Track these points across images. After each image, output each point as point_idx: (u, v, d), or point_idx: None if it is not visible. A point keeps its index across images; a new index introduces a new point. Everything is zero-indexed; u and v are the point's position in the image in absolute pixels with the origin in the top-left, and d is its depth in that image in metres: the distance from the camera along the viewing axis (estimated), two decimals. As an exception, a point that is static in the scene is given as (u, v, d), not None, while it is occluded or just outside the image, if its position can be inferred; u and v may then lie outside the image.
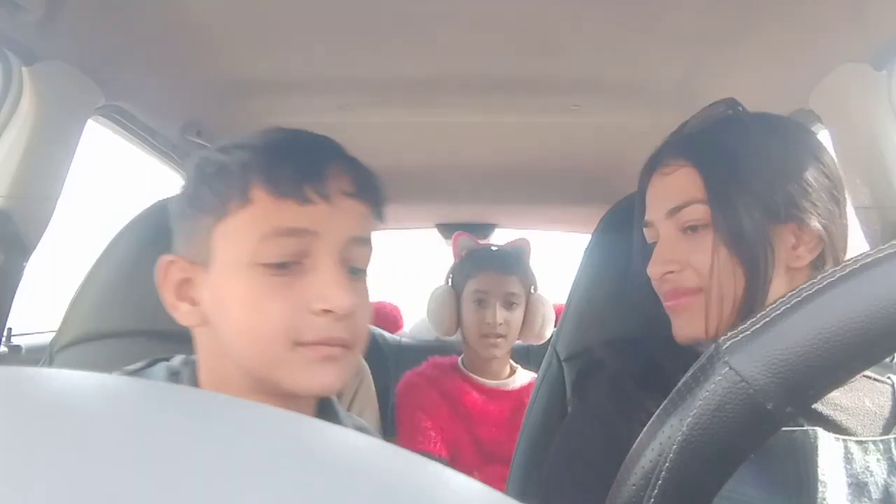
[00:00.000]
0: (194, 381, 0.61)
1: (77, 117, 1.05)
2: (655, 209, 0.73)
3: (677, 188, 0.71)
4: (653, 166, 0.75)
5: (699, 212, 0.69)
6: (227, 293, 0.56)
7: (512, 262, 1.61)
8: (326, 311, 0.55)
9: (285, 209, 0.55)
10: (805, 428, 0.66)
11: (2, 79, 0.97)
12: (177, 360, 0.64)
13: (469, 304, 1.57)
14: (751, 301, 0.67)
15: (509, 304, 1.55)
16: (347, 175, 0.59)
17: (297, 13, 1.03)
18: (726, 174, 0.69)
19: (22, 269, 1.02)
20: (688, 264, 0.69)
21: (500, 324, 1.51)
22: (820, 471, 0.63)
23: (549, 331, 1.62)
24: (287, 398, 0.57)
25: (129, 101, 1.19)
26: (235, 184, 0.55)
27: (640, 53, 1.16)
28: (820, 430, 0.65)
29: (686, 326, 0.71)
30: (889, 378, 0.74)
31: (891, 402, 0.72)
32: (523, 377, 1.58)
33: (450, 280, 1.70)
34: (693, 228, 0.70)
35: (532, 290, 1.63)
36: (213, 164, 0.58)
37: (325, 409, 0.65)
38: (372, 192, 0.61)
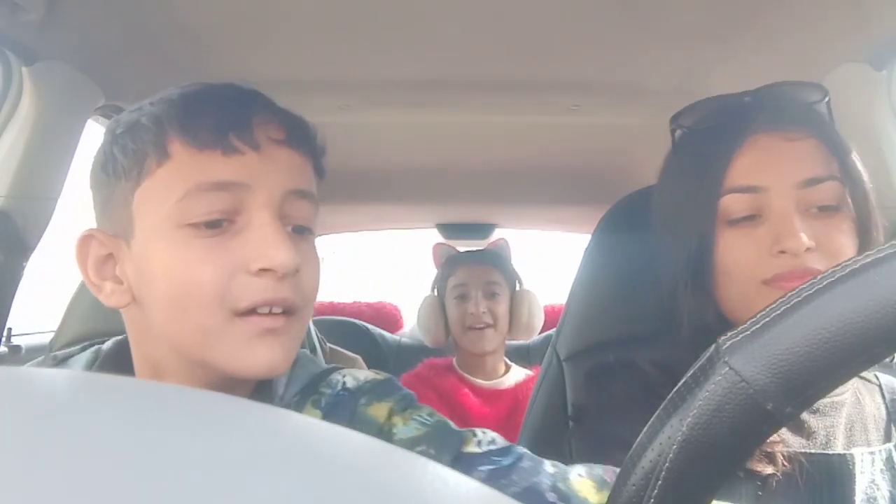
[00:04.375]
0: (118, 365, 0.56)
1: (77, 117, 1.05)
2: (777, 175, 0.64)
3: (809, 159, 0.64)
4: (763, 123, 0.66)
5: (836, 190, 0.64)
6: (151, 263, 0.50)
7: (490, 256, 1.64)
8: (265, 270, 0.49)
9: (209, 161, 0.49)
10: (843, 452, 0.64)
11: (2, 79, 0.97)
12: (110, 342, 0.60)
13: (451, 301, 1.58)
14: None
15: (491, 294, 1.55)
16: (276, 122, 0.53)
17: (297, 13, 1.03)
18: (851, 156, 0.65)
19: (22, 269, 1.02)
20: (821, 246, 0.62)
21: (484, 312, 1.51)
22: (857, 498, 0.61)
23: (538, 322, 1.63)
24: (224, 383, 0.52)
25: (129, 101, 1.18)
26: (150, 139, 0.50)
27: (640, 53, 1.16)
28: (856, 453, 0.63)
29: None
30: (876, 376, 0.74)
31: (883, 402, 0.71)
32: (518, 374, 1.59)
33: (435, 290, 1.72)
34: (825, 209, 0.64)
35: (517, 286, 1.64)
36: (125, 123, 0.52)
37: (262, 395, 0.57)
38: (306, 140, 0.55)
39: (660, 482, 0.27)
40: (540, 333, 1.76)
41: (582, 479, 0.51)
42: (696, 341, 0.67)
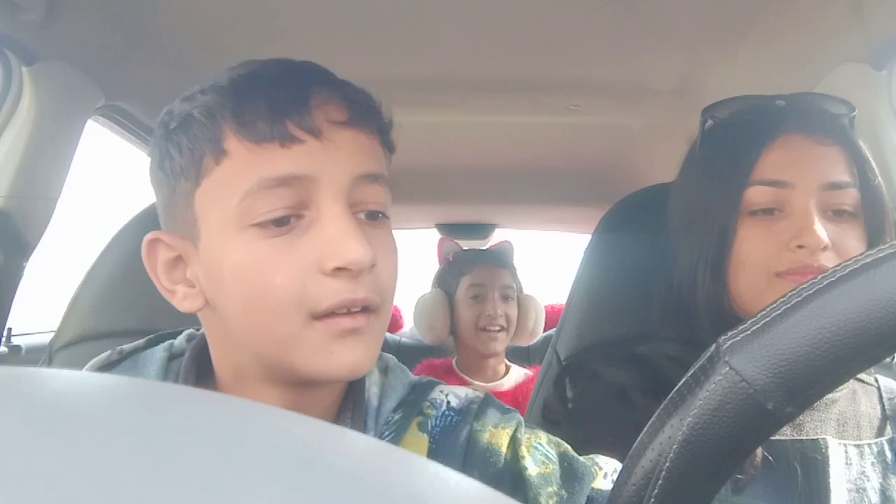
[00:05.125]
0: (196, 368, 0.53)
1: (77, 117, 1.06)
2: (804, 174, 0.67)
3: (835, 164, 0.67)
4: (794, 126, 0.68)
5: (854, 197, 0.67)
6: (221, 267, 0.47)
7: (504, 257, 1.63)
8: (340, 270, 0.45)
9: (268, 155, 0.45)
10: (815, 438, 0.66)
11: (2, 79, 0.97)
12: (181, 338, 0.56)
13: (465, 301, 1.57)
14: None
15: (505, 298, 1.56)
16: (336, 101, 0.48)
17: (296, 13, 1.03)
18: (871, 167, 0.69)
19: (22, 269, 1.02)
20: (835, 247, 0.65)
21: (500, 315, 1.52)
22: (831, 481, 0.63)
23: (541, 329, 1.63)
24: (307, 386, 0.50)
25: (129, 101, 1.19)
26: (205, 135, 0.46)
27: (640, 53, 1.16)
28: (829, 439, 0.65)
29: None
30: (876, 379, 0.74)
31: (879, 404, 0.72)
32: (518, 375, 1.59)
33: (436, 285, 1.71)
34: (840, 213, 0.67)
35: (521, 291, 1.65)
36: (177, 116, 0.48)
37: (354, 396, 0.53)
38: (372, 117, 0.50)
39: (660, 482, 0.27)
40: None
41: None
42: (712, 328, 0.68)
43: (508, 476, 0.51)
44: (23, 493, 0.13)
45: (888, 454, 0.67)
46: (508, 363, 1.62)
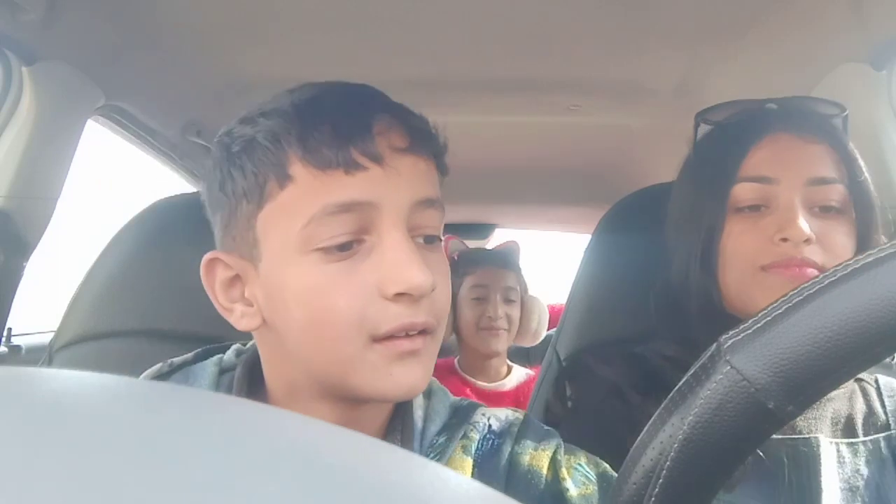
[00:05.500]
0: (251, 384, 0.54)
1: (77, 117, 1.06)
2: (789, 170, 0.68)
3: (820, 160, 0.68)
4: (782, 125, 0.70)
5: (841, 193, 0.67)
6: (283, 289, 0.48)
7: (509, 258, 1.63)
8: (401, 295, 0.46)
9: (332, 182, 0.46)
10: (807, 436, 0.66)
11: (2, 79, 0.97)
12: (230, 353, 0.57)
13: (467, 301, 1.57)
14: None
15: (508, 300, 1.56)
16: (398, 127, 0.49)
17: (297, 13, 1.03)
18: (859, 165, 0.69)
19: (22, 269, 1.02)
20: (820, 242, 0.66)
21: (501, 317, 1.51)
22: (822, 479, 0.63)
23: (544, 330, 1.63)
24: (360, 405, 0.51)
25: (129, 101, 1.19)
26: (269, 160, 0.47)
27: (640, 53, 1.16)
28: (821, 438, 0.66)
29: None
30: (875, 380, 0.74)
31: (878, 401, 0.72)
32: (519, 375, 1.59)
33: None
34: (827, 209, 0.67)
35: (526, 292, 1.64)
36: (240, 139, 0.49)
37: (402, 417, 0.55)
38: (430, 142, 0.52)
39: (661, 481, 0.27)
40: (539, 333, 1.77)
41: None
42: (704, 328, 0.68)
43: (549, 498, 0.51)
44: (23, 492, 0.13)
45: (884, 452, 0.67)
46: (510, 363, 1.62)
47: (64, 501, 0.13)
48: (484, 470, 0.53)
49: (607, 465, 0.54)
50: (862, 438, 0.68)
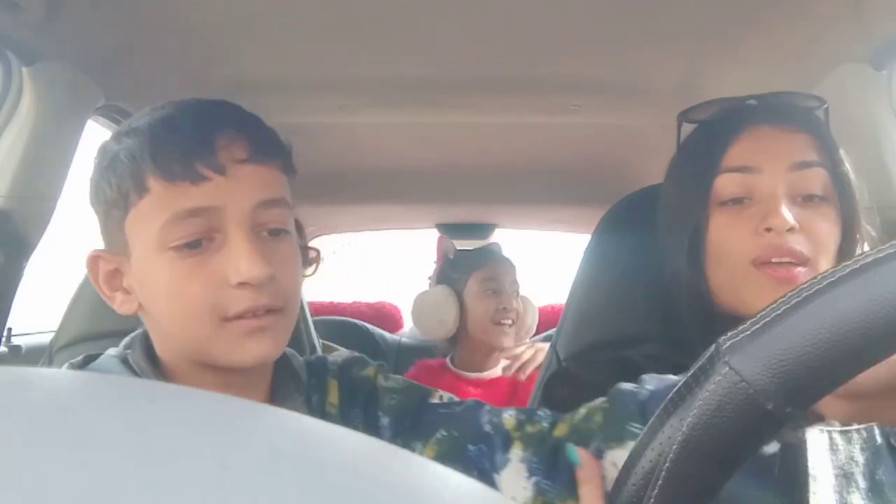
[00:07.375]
0: (147, 356, 0.62)
1: (77, 117, 1.05)
2: (770, 158, 0.68)
3: (802, 146, 0.69)
4: (762, 118, 0.71)
5: (823, 178, 0.68)
6: (148, 280, 0.57)
7: (505, 256, 1.68)
8: (243, 284, 0.55)
9: (181, 192, 0.54)
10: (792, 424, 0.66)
11: (2, 79, 0.97)
12: (118, 349, 0.64)
13: (479, 295, 1.59)
14: None
15: (516, 294, 1.61)
16: (241, 140, 0.57)
17: (297, 13, 1.03)
18: (839, 153, 0.70)
19: (22, 269, 1.02)
20: (804, 230, 0.66)
21: (514, 309, 1.57)
22: (810, 466, 0.64)
23: (534, 328, 1.70)
24: (233, 378, 0.60)
25: (129, 101, 1.19)
26: (129, 174, 0.55)
27: (640, 53, 1.16)
28: (808, 427, 0.66)
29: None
30: None
31: None
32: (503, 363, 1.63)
33: (438, 282, 1.72)
34: (810, 198, 0.68)
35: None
36: (108, 155, 0.58)
37: (283, 375, 0.66)
38: (270, 152, 0.59)
39: (660, 482, 0.27)
40: (539, 333, 1.77)
41: (510, 416, 0.64)
42: (698, 329, 0.69)
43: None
44: (23, 492, 0.13)
45: (878, 439, 0.68)
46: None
47: (64, 501, 0.13)
48: (342, 385, 0.67)
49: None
50: (856, 426, 0.68)
